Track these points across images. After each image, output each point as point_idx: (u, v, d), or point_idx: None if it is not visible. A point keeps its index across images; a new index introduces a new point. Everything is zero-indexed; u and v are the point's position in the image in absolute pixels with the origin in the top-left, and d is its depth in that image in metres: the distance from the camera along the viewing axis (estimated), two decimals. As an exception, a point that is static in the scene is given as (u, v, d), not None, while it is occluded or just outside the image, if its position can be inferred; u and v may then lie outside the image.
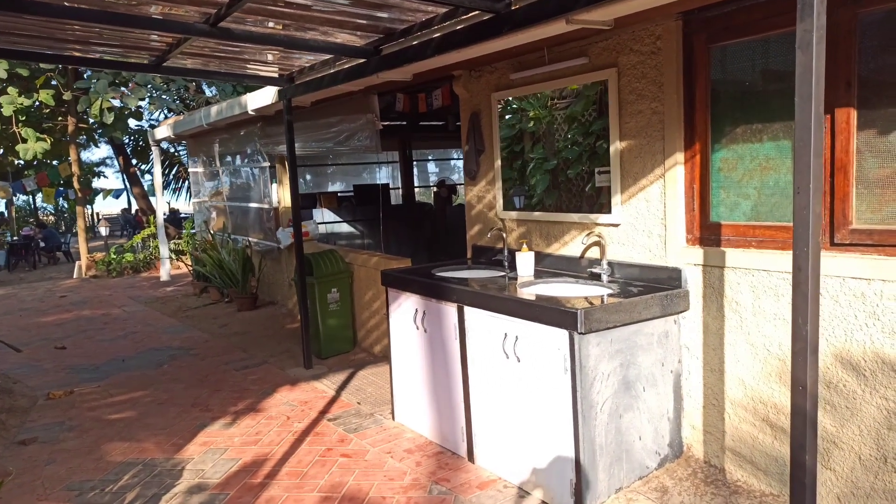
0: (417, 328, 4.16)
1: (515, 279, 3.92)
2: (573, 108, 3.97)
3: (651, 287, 3.41)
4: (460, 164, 18.49)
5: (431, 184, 16.17)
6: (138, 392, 5.53)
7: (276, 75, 5.58)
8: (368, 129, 5.73)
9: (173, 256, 13.64)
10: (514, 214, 4.45)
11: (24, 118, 12.31)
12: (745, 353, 3.13)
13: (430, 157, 16.49)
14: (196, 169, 10.89)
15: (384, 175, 14.29)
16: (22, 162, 19.82)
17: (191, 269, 10.12)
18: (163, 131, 10.43)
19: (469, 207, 4.90)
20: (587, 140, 3.89)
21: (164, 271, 11.80)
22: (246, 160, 8.95)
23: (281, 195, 8.36)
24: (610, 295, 3.33)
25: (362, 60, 4.42)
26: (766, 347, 3.04)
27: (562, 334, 3.05)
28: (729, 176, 3.24)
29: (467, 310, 3.68)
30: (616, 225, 3.72)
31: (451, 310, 3.82)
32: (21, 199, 29.91)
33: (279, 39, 4.11)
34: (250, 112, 6.83)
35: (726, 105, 3.22)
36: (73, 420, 4.93)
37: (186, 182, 22.93)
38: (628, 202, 3.64)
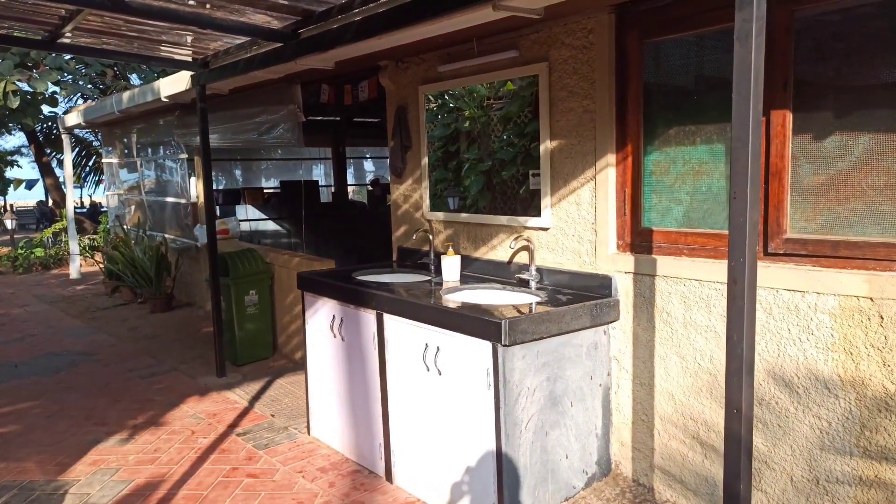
0: (335, 336, 3.86)
1: (440, 285, 3.67)
2: (508, 108, 3.76)
3: (581, 295, 3.22)
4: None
5: (367, 182, 15.79)
6: (26, 403, 5.00)
7: (189, 59, 5.15)
8: (290, 122, 5.37)
9: (87, 253, 12.80)
10: (440, 216, 4.20)
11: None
12: (675, 367, 2.98)
13: (367, 155, 16.11)
14: (111, 160, 10.19)
15: (319, 172, 13.84)
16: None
17: (102, 266, 9.44)
18: (73, 118, 9.70)
19: (395, 207, 4.63)
20: (522, 141, 3.70)
21: (74, 268, 11.02)
22: (163, 152, 8.39)
23: (199, 189, 7.86)
24: (538, 303, 3.12)
25: (279, 45, 4.08)
26: (696, 361, 2.89)
27: (485, 346, 2.82)
28: (661, 180, 3.08)
29: (387, 318, 3.40)
30: (545, 229, 3.52)
31: (369, 317, 3.53)
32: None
33: (185, 16, 3.73)
34: (163, 99, 6.34)
35: (659, 105, 3.06)
36: (-55, 436, 4.39)
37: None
38: (558, 205, 3.44)
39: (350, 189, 13.90)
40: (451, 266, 3.76)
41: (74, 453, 4.04)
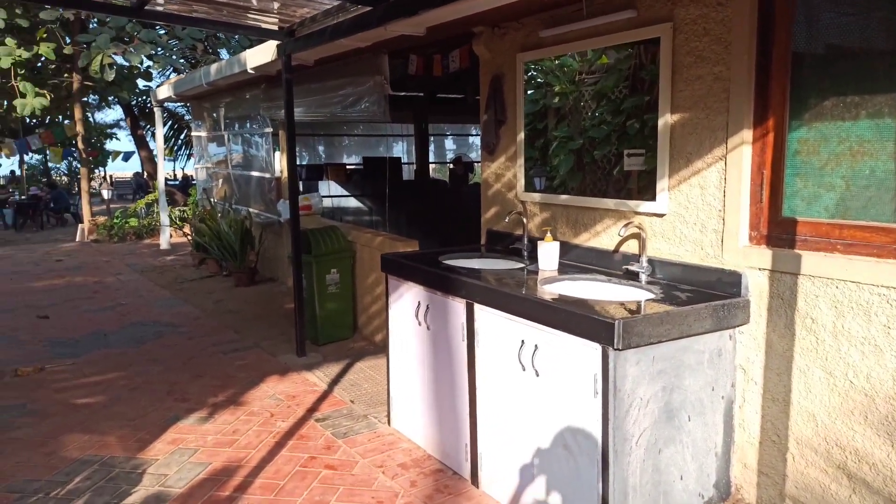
0: (419, 323, 3.59)
1: (536, 273, 3.32)
2: (603, 83, 3.36)
3: (702, 293, 2.80)
4: (479, 140, 17.85)
5: (448, 160, 15.52)
6: (113, 373, 5.03)
7: (275, 28, 4.97)
8: (377, 94, 5.11)
9: (177, 224, 13.16)
10: (537, 197, 3.84)
11: (23, 72, 11.77)
12: (819, 383, 2.53)
13: (448, 133, 15.83)
14: (199, 133, 10.33)
15: (400, 150, 13.67)
16: (35, 120, 19.38)
17: (190, 238, 9.61)
18: (164, 91, 9.86)
19: (485, 186, 4.30)
20: (617, 119, 3.30)
21: (164, 239, 11.32)
22: (249, 126, 8.37)
23: (283, 164, 7.78)
24: (652, 300, 2.73)
25: (368, 9, 3.80)
26: (848, 378, 2.43)
27: (592, 349, 2.47)
28: (808, 161, 2.61)
29: (478, 308, 3.10)
30: (661, 215, 3.10)
31: (458, 306, 3.24)
32: (34, 158, 29.61)
33: (271, -21, 3.50)
34: (249, 70, 6.23)
35: (811, 71, 2.57)
36: (37, 402, 4.44)
37: (198, 147, 22.42)
38: (677, 188, 3.02)
39: (431, 167, 13.68)
40: (548, 253, 3.40)
41: (155, 430, 3.98)
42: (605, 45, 3.32)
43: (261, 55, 5.92)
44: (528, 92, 3.84)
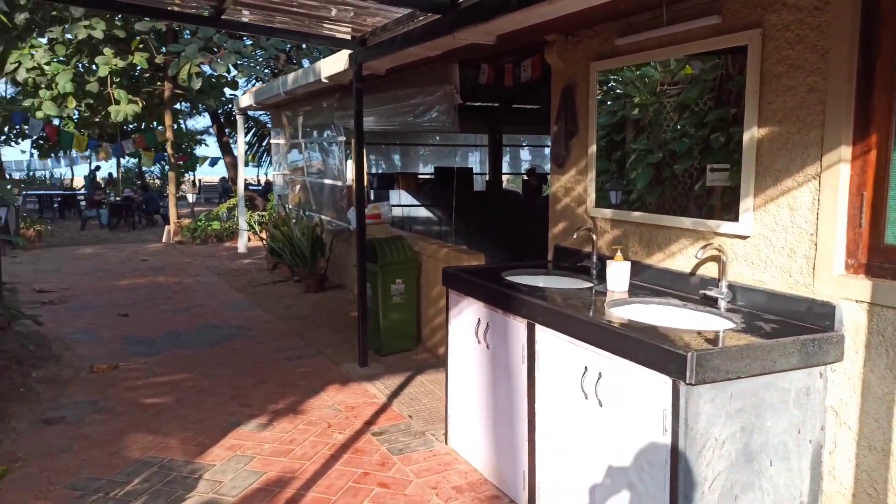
0: (479, 342, 3.46)
1: (604, 294, 3.13)
2: (687, 94, 3.14)
3: (789, 325, 2.54)
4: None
5: (523, 171, 15.35)
6: (182, 374, 5.14)
7: (348, 37, 4.98)
8: (446, 103, 5.04)
9: (255, 228, 13.55)
10: (608, 213, 3.64)
11: (118, 80, 12.44)
12: (925, 433, 2.23)
13: (524, 143, 15.65)
14: (278, 141, 10.59)
15: (475, 160, 13.60)
16: (131, 125, 20.52)
17: (265, 243, 9.84)
18: (246, 100, 10.17)
19: (554, 200, 4.12)
20: (700, 132, 3.08)
21: (242, 243, 11.66)
22: (324, 134, 8.49)
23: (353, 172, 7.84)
24: (731, 330, 2.49)
25: (437, 17, 3.72)
26: (961, 430, 2.13)
27: (662, 382, 2.27)
28: (918, 182, 2.31)
29: (539, 329, 2.94)
30: (744, 237, 2.85)
31: (519, 326, 3.09)
32: (130, 161, 31.38)
33: (341, -12, 3.48)
34: (324, 80, 6.29)
35: (925, 82, 2.29)
36: (108, 400, 4.58)
37: (279, 154, 23.12)
38: (763, 208, 2.76)
39: (504, 178, 13.54)
40: (618, 273, 3.20)
41: (215, 434, 4.01)
42: (685, 54, 3.10)
43: (334, 64, 5.96)
44: (607, 102, 3.65)
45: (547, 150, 16.49)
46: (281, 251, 8.81)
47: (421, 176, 10.68)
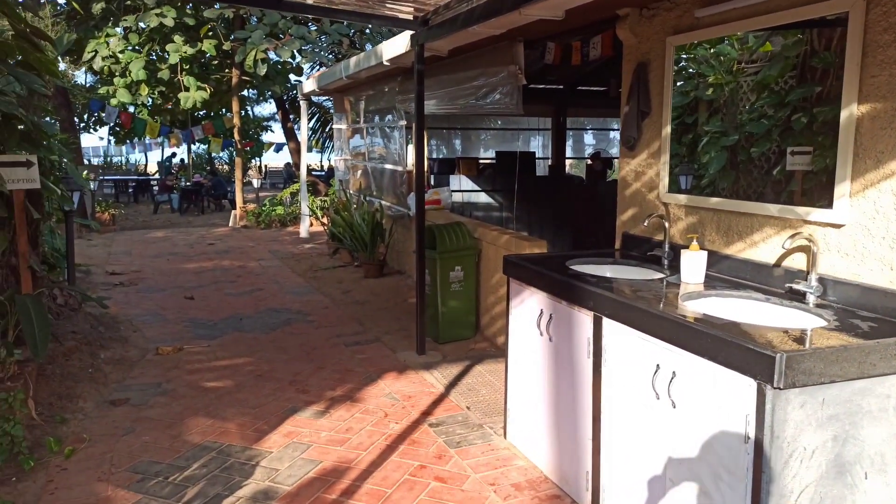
0: (541, 333, 3.30)
1: (678, 286, 2.91)
2: (766, 72, 2.88)
3: (889, 324, 2.28)
4: (619, 134, 17.00)
5: (587, 155, 14.97)
6: (242, 358, 5.19)
7: (410, 17, 4.85)
8: (510, 84, 4.85)
9: (317, 213, 13.70)
10: (682, 199, 3.39)
11: (187, 67, 12.73)
12: None
13: (588, 127, 15.25)
14: (340, 126, 10.61)
15: (537, 144, 13.33)
16: (202, 112, 21.11)
17: (326, 228, 9.90)
18: (309, 85, 10.21)
19: (622, 185, 3.90)
20: (780, 113, 2.82)
21: (304, 228, 11.79)
22: (385, 118, 8.42)
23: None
24: (823, 329, 2.25)
25: (502, -9, 3.54)
26: None
27: (746, 384, 2.06)
28: None
29: (607, 323, 2.75)
30: (838, 226, 2.59)
31: (584, 318, 2.91)
32: (201, 147, 32.38)
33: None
34: (385, 62, 6.20)
35: None
36: (171, 383, 4.65)
37: (342, 140, 23.28)
38: (862, 194, 2.49)
39: (567, 163, 13.22)
40: (693, 263, 2.98)
41: (273, 420, 4.00)
42: (773, 25, 2.83)
43: (396, 46, 5.85)
44: (679, 83, 3.40)
45: (612, 134, 16.05)
46: (341, 236, 8.83)
47: (482, 161, 10.51)
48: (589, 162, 11.62)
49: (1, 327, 3.70)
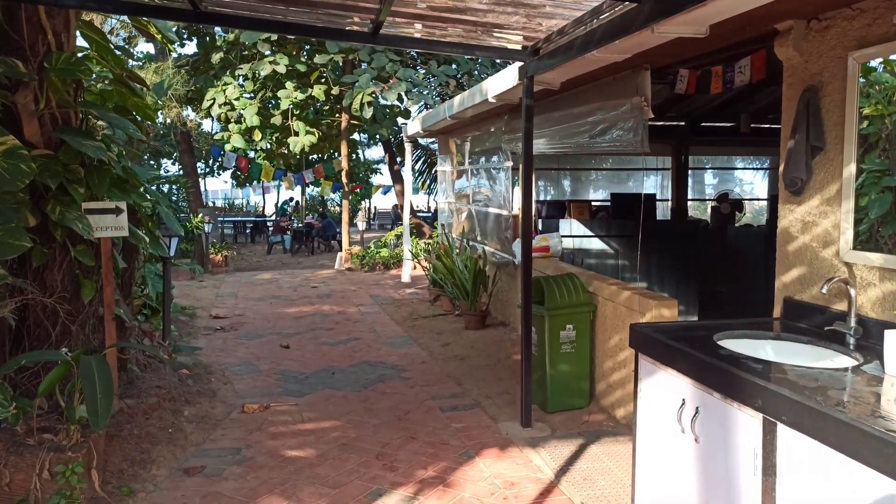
0: (683, 430, 2.56)
1: (880, 381, 2.12)
2: None
3: None
4: (744, 175, 15.56)
5: (710, 197, 13.83)
6: (329, 421, 4.73)
7: (519, 47, 4.34)
8: (633, 119, 4.19)
9: (421, 255, 13.40)
10: (876, 259, 2.59)
11: (297, 112, 12.95)
12: None
13: (707, 166, 14.16)
14: (444, 168, 10.26)
15: (652, 184, 12.42)
16: (315, 156, 21.75)
17: (427, 273, 9.48)
18: (414, 126, 9.96)
19: (784, 238, 3.12)
20: None
21: (406, 272, 11.46)
22: (490, 159, 7.94)
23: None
24: None
25: (631, 5, 2.93)
26: None
27: None
28: None
29: (783, 431, 2.01)
30: None
31: (748, 420, 2.17)
32: (315, 190, 33.53)
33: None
34: (490, 99, 5.72)
35: None
36: (251, 448, 4.25)
37: (448, 182, 23.18)
38: None
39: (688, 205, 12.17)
40: (903, 350, 2.17)
41: (354, 505, 3.46)
42: None
43: (502, 81, 5.36)
44: (863, 111, 2.64)
45: (737, 174, 14.77)
46: (442, 283, 8.36)
47: (594, 203, 9.77)
48: (715, 204, 10.57)
49: (68, 389, 3.44)
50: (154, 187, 12.75)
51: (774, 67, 3.21)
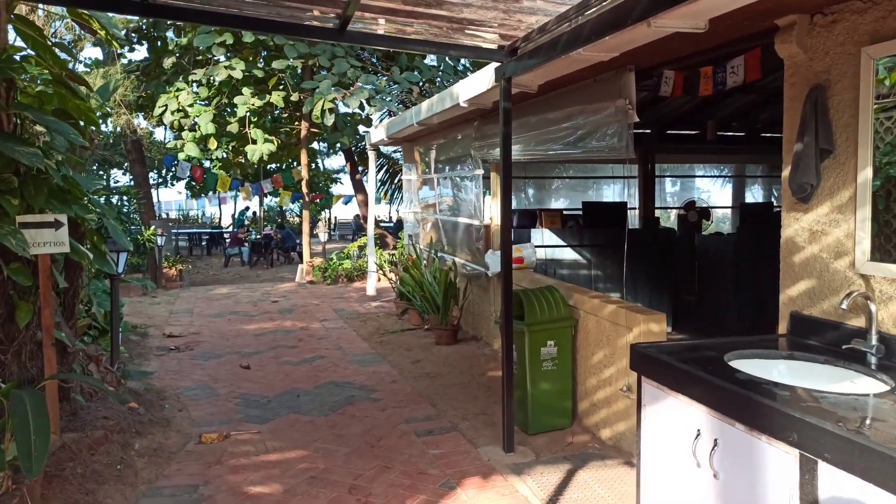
0: (698, 464, 2.31)
1: (927, 410, 1.90)
2: None
3: None
4: (704, 183, 15.67)
5: (669, 205, 13.87)
6: (295, 451, 4.36)
7: (495, 46, 4.08)
8: (616, 123, 3.97)
9: (384, 268, 13.05)
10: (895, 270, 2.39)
11: (255, 119, 12.49)
12: None
13: (667, 174, 14.21)
14: (409, 177, 9.97)
15: (615, 193, 12.35)
16: (273, 165, 21.17)
17: (394, 286, 9.14)
18: (378, 134, 9.65)
19: (789, 247, 2.91)
20: None
21: (371, 285, 11.10)
22: (459, 168, 7.67)
23: (494, 209, 6.90)
24: None
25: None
26: None
27: None
28: None
29: (826, 471, 1.77)
30: None
31: (780, 456, 1.92)
32: (273, 200, 32.83)
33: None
34: (462, 104, 5.45)
35: None
36: (210, 485, 3.85)
37: (410, 191, 22.82)
38: None
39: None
40: (944, 373, 1.96)
41: (326, 549, 3.11)
42: None
43: (475, 85, 5.10)
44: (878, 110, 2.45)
45: (696, 182, 14.84)
46: (410, 296, 8.05)
47: (564, 212, 9.59)
48: (681, 212, 10.52)
49: (-2, 428, 3.01)
50: (102, 199, 12.10)
51: (772, 66, 3.02)
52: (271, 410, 5.23)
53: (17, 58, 4.00)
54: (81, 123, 4.39)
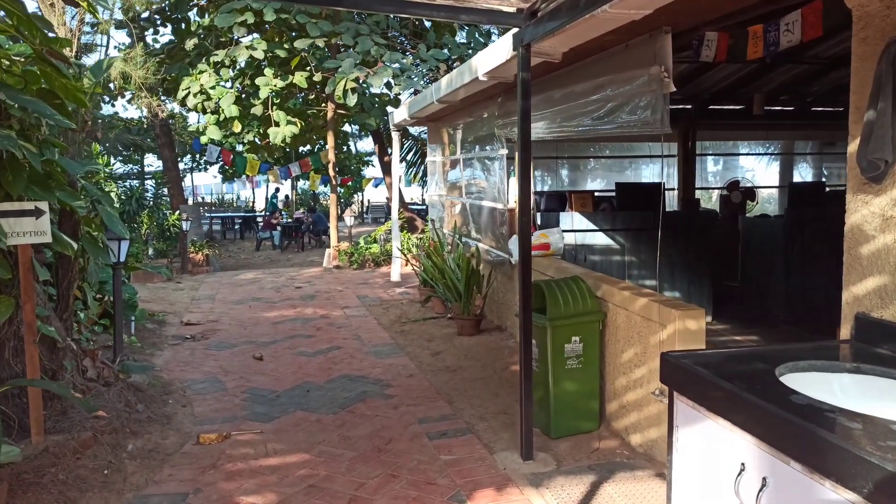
0: (741, 502, 1.88)
1: None
2: None
3: None
4: (748, 162, 14.83)
5: (711, 185, 13.17)
6: (297, 455, 4.05)
7: (513, 9, 3.63)
8: (651, 93, 3.49)
9: (407, 254, 12.71)
10: None
11: (278, 101, 12.19)
12: None
13: (708, 152, 13.48)
14: (434, 158, 9.55)
15: (653, 173, 11.74)
16: (303, 148, 20.95)
17: (417, 271, 8.79)
18: (400, 113, 9.24)
19: (855, 236, 2.43)
20: None
21: (395, 271, 10.77)
22: (483, 148, 7.24)
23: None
24: None
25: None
26: None
27: None
28: None
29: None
30: None
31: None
32: (306, 184, 32.75)
33: None
34: (481, 77, 5.01)
35: None
36: (200, 494, 3.56)
37: (442, 173, 22.35)
38: None
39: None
40: None
41: (315, 575, 2.78)
42: None
43: (493, 55, 4.66)
44: None
45: (740, 161, 14.05)
46: (433, 283, 7.68)
47: (597, 194, 9.08)
48: (724, 192, 9.90)
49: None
50: (110, 184, 11.93)
51: (836, 20, 2.52)
52: (278, 407, 4.94)
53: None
54: (69, 105, 4.10)
